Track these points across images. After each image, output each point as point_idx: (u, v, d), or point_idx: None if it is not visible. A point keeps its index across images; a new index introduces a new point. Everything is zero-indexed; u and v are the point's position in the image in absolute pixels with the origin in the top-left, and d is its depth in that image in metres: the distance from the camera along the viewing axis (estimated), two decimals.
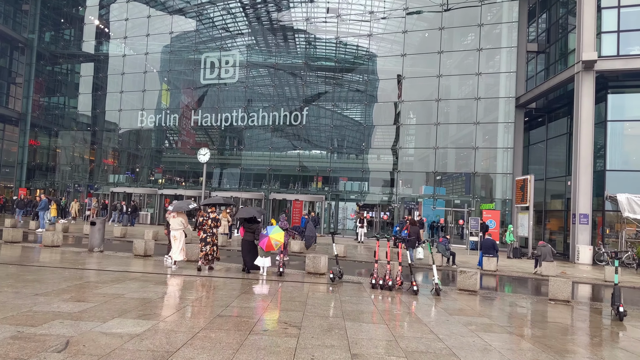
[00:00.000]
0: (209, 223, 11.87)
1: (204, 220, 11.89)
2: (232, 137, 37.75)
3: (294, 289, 9.84)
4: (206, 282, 10.19)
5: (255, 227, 11.94)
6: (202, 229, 11.85)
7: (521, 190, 22.99)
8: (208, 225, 11.85)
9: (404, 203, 30.91)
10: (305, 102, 33.39)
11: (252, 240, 11.94)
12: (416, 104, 32.37)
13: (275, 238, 11.17)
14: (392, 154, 32.71)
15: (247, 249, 11.93)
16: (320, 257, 11.98)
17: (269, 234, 11.12)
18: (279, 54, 35.48)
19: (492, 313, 8.54)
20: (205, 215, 11.99)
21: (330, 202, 31.84)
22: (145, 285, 9.10)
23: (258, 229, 12.03)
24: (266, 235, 11.16)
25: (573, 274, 17.11)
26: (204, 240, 11.87)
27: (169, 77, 37.17)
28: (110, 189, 35.58)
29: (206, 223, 11.85)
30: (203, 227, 11.85)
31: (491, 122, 29.11)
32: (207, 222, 11.86)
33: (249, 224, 12.11)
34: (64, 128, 41.39)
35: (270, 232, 11.23)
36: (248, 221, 12.18)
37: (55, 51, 41.79)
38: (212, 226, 11.89)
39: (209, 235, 11.83)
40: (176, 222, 12.34)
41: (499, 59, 30.19)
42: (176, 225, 12.29)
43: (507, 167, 28.17)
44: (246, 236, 12.05)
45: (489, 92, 29.23)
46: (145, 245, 13.75)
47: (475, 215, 28.27)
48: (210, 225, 11.87)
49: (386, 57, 32.70)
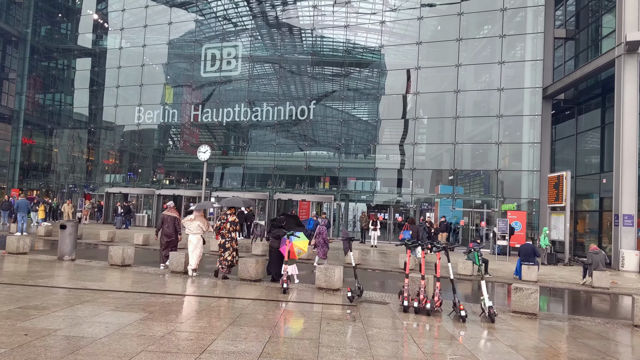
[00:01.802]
0: (227, 227, 10.77)
1: (221, 224, 10.81)
2: (234, 134, 35.48)
3: (301, 314, 7.52)
4: (193, 303, 7.90)
5: (282, 233, 10.60)
6: (220, 234, 10.78)
7: (555, 188, 20.53)
8: (226, 229, 10.75)
9: (419, 204, 28.51)
10: (313, 95, 31.07)
11: (275, 247, 10.89)
12: (431, 98, 29.97)
13: (298, 246, 10.00)
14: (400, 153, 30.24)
15: (273, 257, 10.92)
16: (333, 269, 9.66)
17: (293, 241, 9.96)
18: (284, 47, 33.16)
19: (581, 355, 6.15)
20: (223, 217, 10.92)
21: (339, 202, 29.49)
22: (98, 311, 6.79)
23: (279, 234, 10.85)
24: (289, 242, 10.03)
25: (624, 284, 14.69)
26: (223, 246, 10.73)
27: (167, 70, 34.94)
28: (105, 190, 33.44)
29: (224, 227, 10.76)
30: (221, 232, 10.77)
31: (516, 114, 26.61)
32: (224, 225, 10.77)
33: (275, 230, 11.00)
34: (59, 126, 39.31)
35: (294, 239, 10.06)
36: (274, 226, 11.16)
37: (51, 45, 39.75)
38: (231, 230, 10.77)
39: (227, 240, 10.72)
40: (193, 226, 11.13)
41: (523, 47, 27.75)
42: (194, 229, 11.12)
43: (534, 164, 25.71)
44: (273, 242, 10.95)
45: (511, 83, 26.75)
46: (122, 252, 11.48)
47: (498, 216, 25.91)
48: (229, 229, 10.75)
49: (400, 45, 30.27)
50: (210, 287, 9.56)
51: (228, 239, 10.70)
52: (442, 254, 8.42)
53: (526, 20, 27.32)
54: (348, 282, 10.67)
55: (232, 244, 10.73)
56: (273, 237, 10.97)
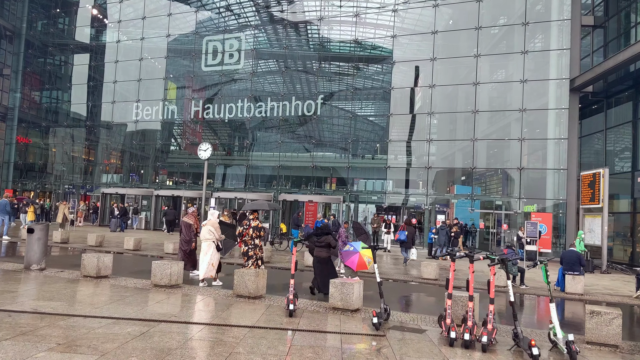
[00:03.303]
0: (250, 233, 9.78)
1: (244, 230, 9.85)
2: (238, 134, 33.63)
3: (314, 352, 5.61)
4: (167, 336, 6.03)
5: (329, 240, 9.62)
6: (243, 241, 9.84)
7: (590, 187, 18.51)
8: (249, 235, 9.78)
9: (435, 205, 26.54)
10: (320, 90, 29.15)
11: (326, 256, 9.66)
12: (446, 93, 28.02)
13: (366, 255, 9.21)
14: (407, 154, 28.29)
15: (320, 268, 9.67)
16: (352, 285, 7.75)
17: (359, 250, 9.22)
18: (289, 40, 31.23)
19: None
20: (246, 223, 9.98)
21: (349, 203, 27.57)
22: (26, 353, 4.93)
23: (333, 242, 9.72)
24: (355, 252, 9.31)
25: None
26: (246, 254, 9.82)
27: (167, 64, 33.12)
28: (102, 190, 31.69)
29: (247, 233, 9.78)
30: (244, 239, 9.81)
31: (540, 108, 24.58)
32: (247, 231, 9.79)
33: (319, 237, 9.82)
34: (56, 124, 37.63)
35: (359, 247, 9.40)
36: (318, 234, 9.99)
37: (47, 40, 38.12)
38: (254, 236, 9.81)
39: (250, 247, 9.78)
40: (205, 231, 10.25)
41: (546, 37, 25.79)
42: (206, 234, 10.19)
43: (560, 162, 23.70)
44: (318, 252, 9.75)
45: (534, 75, 24.75)
46: (97, 262, 9.63)
47: (520, 218, 23.93)
48: (252, 236, 9.79)
49: (413, 35, 28.32)
50: (200, 309, 7.69)
51: (251, 246, 9.77)
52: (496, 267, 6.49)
53: (551, 6, 25.32)
54: (367, 298, 8.77)
55: (255, 251, 9.84)
56: (320, 246, 9.70)
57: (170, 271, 9.08)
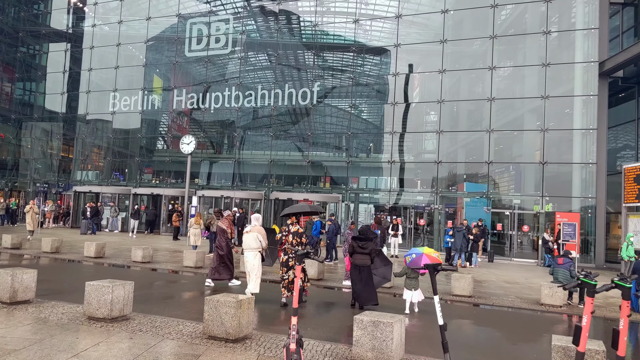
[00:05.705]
0: (289, 240, 8.67)
1: (283, 237, 8.85)
2: (224, 125, 30.62)
3: None
4: None
5: (371, 247, 8.69)
6: (283, 249, 8.80)
7: (636, 182, 15.84)
8: (288, 242, 8.64)
9: (445, 204, 23.81)
10: (317, 76, 26.26)
11: (365, 264, 8.62)
12: (456, 79, 25.34)
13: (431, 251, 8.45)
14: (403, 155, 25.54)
15: (359, 277, 8.57)
16: (390, 324, 4.88)
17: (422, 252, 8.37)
18: (279, 29, 28.27)
19: None
20: (285, 229, 8.93)
21: (348, 203, 24.73)
22: None
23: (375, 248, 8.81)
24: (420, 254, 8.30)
25: None
26: (286, 264, 8.60)
27: (147, 50, 30.04)
28: (74, 188, 28.55)
29: (286, 240, 8.72)
30: (283, 247, 8.78)
31: (565, 95, 21.93)
32: (287, 238, 8.73)
33: (362, 242, 8.75)
34: (28, 117, 34.38)
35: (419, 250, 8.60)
36: (360, 239, 8.84)
37: (18, 26, 34.90)
38: (295, 243, 8.60)
39: (290, 257, 8.56)
40: (251, 239, 8.82)
41: (568, 17, 23.22)
42: (252, 242, 8.82)
43: (587, 155, 21.09)
44: (357, 259, 8.68)
45: (556, 58, 22.10)
46: (12, 281, 6.69)
47: (542, 218, 21.31)
48: (292, 243, 8.60)
49: (423, 14, 25.56)
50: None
51: (291, 255, 8.57)
52: None
53: None
54: (412, 341, 5.90)
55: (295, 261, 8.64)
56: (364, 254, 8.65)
57: (112, 297, 6.16)
